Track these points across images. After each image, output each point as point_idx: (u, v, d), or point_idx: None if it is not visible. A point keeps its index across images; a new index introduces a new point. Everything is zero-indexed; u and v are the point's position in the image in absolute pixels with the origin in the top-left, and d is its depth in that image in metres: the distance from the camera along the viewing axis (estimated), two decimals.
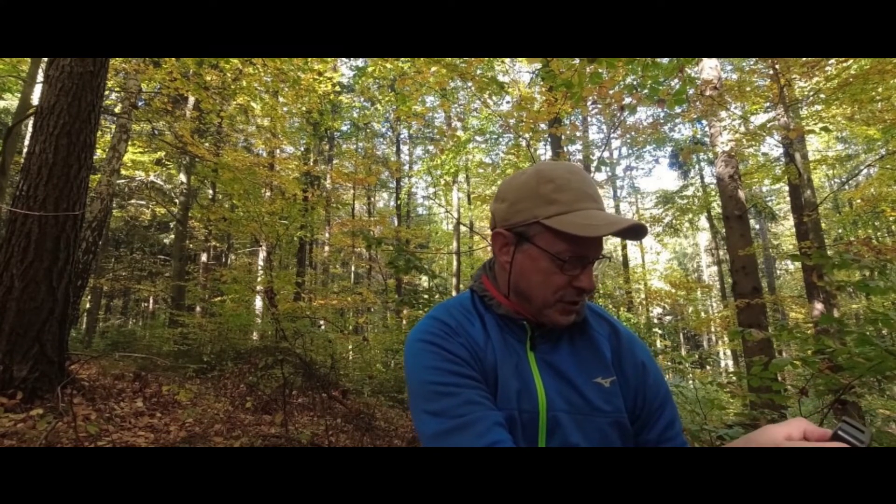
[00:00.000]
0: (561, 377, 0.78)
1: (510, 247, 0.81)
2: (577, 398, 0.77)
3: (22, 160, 4.04)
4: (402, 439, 4.70)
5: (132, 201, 14.11)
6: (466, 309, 0.85)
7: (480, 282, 0.88)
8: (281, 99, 10.12)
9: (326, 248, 16.48)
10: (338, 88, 10.34)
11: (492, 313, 0.84)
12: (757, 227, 19.77)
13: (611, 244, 21.86)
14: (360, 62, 11.86)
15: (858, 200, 12.28)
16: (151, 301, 17.89)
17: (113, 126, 8.44)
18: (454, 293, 13.40)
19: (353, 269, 20.51)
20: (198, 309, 11.63)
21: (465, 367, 0.75)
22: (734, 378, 3.76)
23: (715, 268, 20.76)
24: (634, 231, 0.74)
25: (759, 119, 8.25)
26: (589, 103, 7.22)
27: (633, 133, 9.77)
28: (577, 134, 12.31)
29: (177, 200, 12.44)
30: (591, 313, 0.87)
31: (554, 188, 0.76)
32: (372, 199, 21.30)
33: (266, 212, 9.43)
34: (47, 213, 3.62)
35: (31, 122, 4.23)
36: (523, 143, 8.40)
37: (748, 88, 7.59)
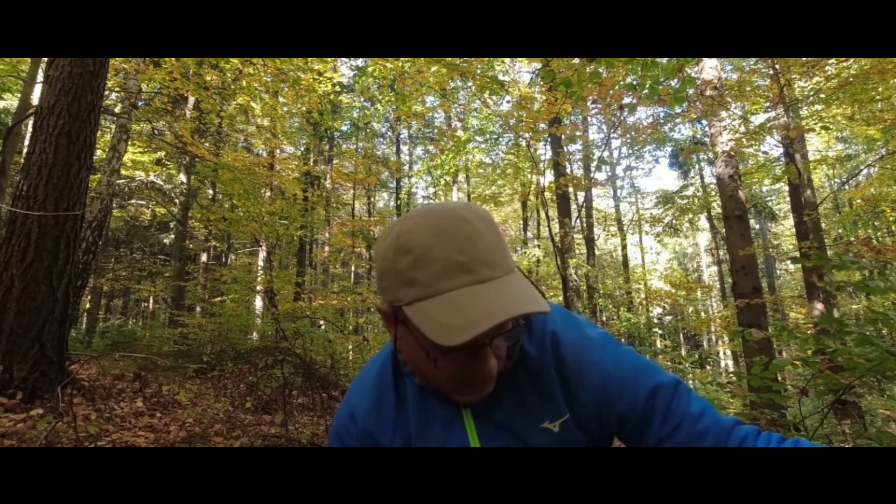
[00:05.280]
0: (504, 430, 0.68)
1: (391, 323, 0.65)
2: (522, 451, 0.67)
3: (22, 160, 4.04)
4: None
5: (132, 201, 14.10)
6: (383, 380, 0.74)
7: None
8: (281, 99, 10.12)
9: (326, 248, 16.47)
10: (338, 88, 10.34)
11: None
12: (757, 227, 19.77)
13: (611, 244, 21.85)
14: (360, 62, 11.86)
15: (858, 200, 12.29)
16: (151, 301, 17.89)
17: (113, 126, 8.44)
18: None
19: (353, 269, 20.50)
20: (198, 309, 11.63)
21: None
22: (734, 378, 3.77)
23: (715, 268, 20.76)
24: (523, 314, 0.56)
25: (759, 119, 8.26)
26: (589, 103, 7.22)
27: (633, 133, 9.78)
28: (577, 134, 12.31)
29: (177, 200, 12.45)
30: (530, 336, 0.70)
31: (412, 262, 0.57)
32: (372, 199, 21.29)
33: (266, 212, 9.43)
34: (47, 213, 3.62)
35: (31, 122, 4.23)
36: (523, 143, 8.40)
37: (748, 88, 7.59)
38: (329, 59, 8.58)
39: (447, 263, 0.56)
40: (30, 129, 4.48)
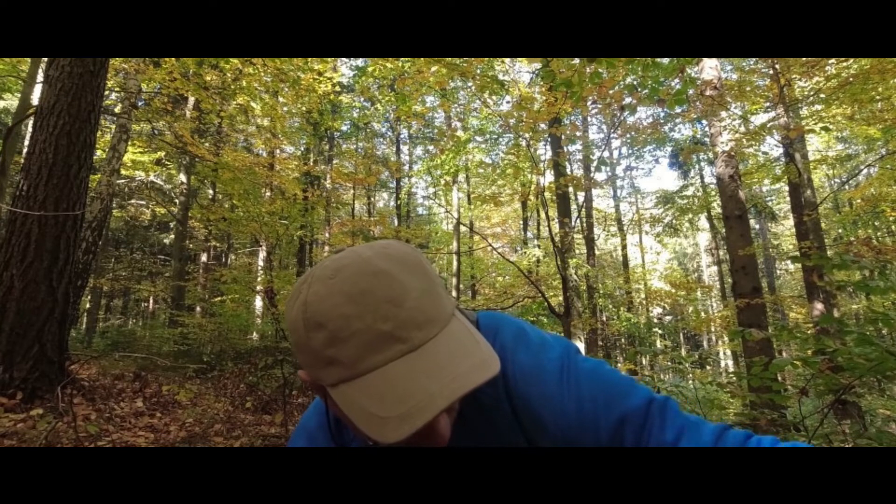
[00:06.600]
0: None
1: (319, 393, 0.58)
2: None
3: (22, 160, 4.04)
4: None
5: (132, 201, 14.12)
6: (324, 431, 0.68)
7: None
8: (281, 99, 10.13)
9: (326, 248, 16.47)
10: (338, 88, 10.35)
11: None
12: (757, 227, 19.77)
13: (611, 244, 21.86)
14: (360, 62, 11.87)
15: (858, 200, 12.30)
16: (151, 301, 17.89)
17: (113, 126, 8.45)
18: (454, 293, 13.39)
19: None
20: (198, 309, 11.64)
21: None
22: (734, 378, 3.77)
23: (715, 268, 20.76)
24: (472, 388, 0.48)
25: (759, 119, 8.26)
26: (589, 103, 7.22)
27: (633, 133, 9.80)
28: (577, 134, 12.33)
29: (177, 200, 12.45)
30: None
31: (326, 340, 0.49)
32: (372, 199, 21.31)
33: (266, 212, 9.42)
34: (47, 213, 3.62)
35: (31, 122, 4.23)
36: (523, 143, 8.39)
37: (748, 88, 7.60)
38: (329, 59, 8.59)
39: (369, 336, 0.48)
40: (30, 129, 4.48)
